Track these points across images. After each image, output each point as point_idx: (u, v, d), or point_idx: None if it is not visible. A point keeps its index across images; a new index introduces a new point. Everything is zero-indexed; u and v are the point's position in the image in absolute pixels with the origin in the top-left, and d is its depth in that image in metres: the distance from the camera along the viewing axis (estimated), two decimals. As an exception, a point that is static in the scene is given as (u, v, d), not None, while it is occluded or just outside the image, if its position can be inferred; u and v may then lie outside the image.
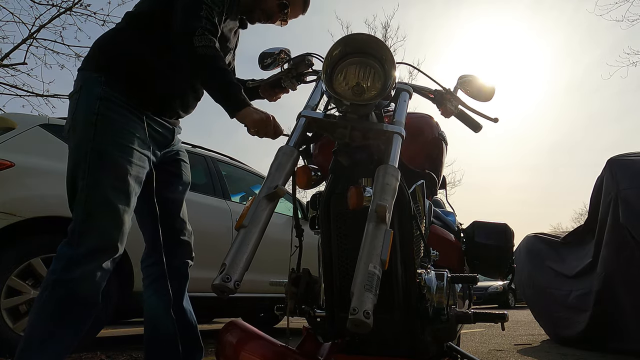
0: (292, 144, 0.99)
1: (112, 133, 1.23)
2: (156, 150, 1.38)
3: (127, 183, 1.23)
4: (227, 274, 0.76)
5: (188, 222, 1.52)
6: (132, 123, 1.27)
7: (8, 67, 7.96)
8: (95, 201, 1.18)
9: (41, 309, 1.12)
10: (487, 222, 1.70)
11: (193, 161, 3.48)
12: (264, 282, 3.35)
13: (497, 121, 1.33)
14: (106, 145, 1.21)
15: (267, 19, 1.55)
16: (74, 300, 1.14)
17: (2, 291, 2.19)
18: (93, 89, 1.25)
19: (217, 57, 1.23)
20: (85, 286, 1.15)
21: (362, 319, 0.70)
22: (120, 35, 1.34)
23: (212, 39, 1.24)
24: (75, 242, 1.15)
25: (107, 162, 1.21)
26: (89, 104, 1.24)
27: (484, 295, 12.64)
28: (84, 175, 1.19)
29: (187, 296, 1.50)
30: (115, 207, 1.19)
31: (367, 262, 0.76)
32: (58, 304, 1.12)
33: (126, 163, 1.23)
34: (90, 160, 1.20)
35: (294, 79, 1.47)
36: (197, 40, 1.21)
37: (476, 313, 1.15)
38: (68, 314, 1.13)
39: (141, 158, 1.29)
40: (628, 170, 2.99)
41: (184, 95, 1.42)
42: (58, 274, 1.13)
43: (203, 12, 1.25)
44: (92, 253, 1.16)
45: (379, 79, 0.95)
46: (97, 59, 1.31)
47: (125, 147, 1.24)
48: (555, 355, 3.11)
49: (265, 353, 0.95)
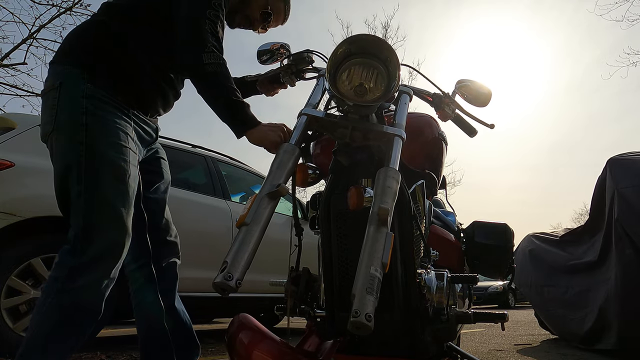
0: (293, 142, 0.99)
1: (105, 133, 1.16)
2: (143, 149, 1.35)
3: (127, 184, 1.18)
4: (228, 272, 0.76)
5: (172, 222, 1.48)
6: (122, 121, 1.21)
7: (8, 67, 7.97)
8: (96, 206, 1.13)
9: (44, 316, 1.09)
10: (487, 222, 1.70)
11: (193, 161, 3.51)
12: (264, 282, 3.35)
13: (493, 127, 1.35)
14: (100, 145, 1.15)
15: (248, 25, 1.50)
16: (78, 309, 1.11)
17: (2, 291, 2.19)
18: (76, 86, 1.16)
19: (226, 75, 1.20)
20: (90, 295, 1.12)
21: (363, 321, 0.70)
22: (100, 29, 1.24)
23: (221, 56, 1.20)
24: (78, 250, 1.11)
25: (104, 164, 1.14)
26: (74, 102, 1.15)
27: (484, 295, 12.65)
28: (79, 179, 1.13)
29: (178, 296, 1.47)
30: (118, 211, 1.14)
31: (368, 264, 0.76)
32: (61, 312, 1.09)
33: (123, 163, 1.17)
34: (85, 163, 1.13)
35: (293, 75, 1.47)
36: (206, 57, 1.17)
37: (476, 313, 1.15)
38: (71, 323, 1.10)
39: (135, 157, 1.24)
40: (628, 170, 3.00)
41: (166, 93, 1.37)
42: (61, 282, 1.09)
43: (207, 27, 1.21)
44: (97, 261, 1.11)
45: (382, 81, 0.95)
46: (76, 53, 1.21)
47: (120, 147, 1.18)
48: (555, 355, 3.11)
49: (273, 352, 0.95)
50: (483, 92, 1.31)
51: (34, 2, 8.03)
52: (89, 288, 1.11)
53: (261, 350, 0.94)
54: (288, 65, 1.45)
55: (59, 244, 1.16)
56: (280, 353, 0.94)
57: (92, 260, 1.11)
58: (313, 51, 1.43)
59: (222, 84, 1.19)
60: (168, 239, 1.45)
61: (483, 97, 1.31)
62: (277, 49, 1.47)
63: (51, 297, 1.09)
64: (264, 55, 1.50)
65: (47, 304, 1.09)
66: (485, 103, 1.31)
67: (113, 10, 1.29)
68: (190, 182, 3.43)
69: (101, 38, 1.24)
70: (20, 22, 9.16)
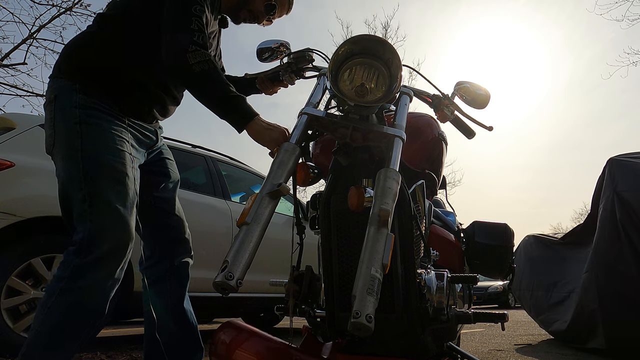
0: (294, 141, 0.99)
1: (101, 138, 1.18)
2: (144, 152, 1.36)
3: (127, 186, 1.19)
4: (229, 271, 0.76)
5: (185, 220, 1.49)
6: (117, 127, 1.23)
7: (8, 67, 7.97)
8: (100, 209, 1.14)
9: (47, 315, 1.09)
10: (487, 222, 1.70)
11: (193, 161, 3.50)
12: (264, 282, 3.35)
13: (492, 129, 1.35)
14: (97, 151, 1.17)
15: (253, 20, 1.49)
16: (80, 309, 1.11)
17: (2, 291, 2.19)
18: (69, 98, 1.19)
19: (215, 72, 1.17)
20: (93, 295, 1.12)
21: (364, 322, 0.70)
22: (93, 40, 1.27)
23: (206, 53, 1.18)
24: (83, 251, 1.11)
25: (103, 168, 1.16)
26: (68, 113, 1.18)
27: (484, 295, 12.65)
28: (81, 186, 1.14)
29: (188, 297, 1.49)
30: (120, 213, 1.16)
31: (368, 266, 0.76)
32: (64, 312, 1.09)
33: (122, 166, 1.19)
34: (85, 169, 1.15)
35: (292, 74, 1.46)
36: (191, 57, 1.15)
37: (476, 313, 1.15)
38: (73, 323, 1.11)
39: (134, 160, 1.25)
40: (628, 172, 3.00)
41: (161, 100, 1.37)
42: (65, 282, 1.10)
43: (194, 25, 1.19)
44: (100, 261, 1.12)
45: (383, 82, 0.95)
46: (69, 65, 1.24)
47: (117, 151, 1.20)
48: (555, 355, 3.11)
49: (260, 350, 0.94)
50: (481, 94, 1.32)
51: (34, 2, 8.04)
52: (92, 288, 1.12)
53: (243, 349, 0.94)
54: (288, 64, 1.45)
55: (59, 244, 1.16)
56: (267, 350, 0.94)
57: (96, 260, 1.11)
58: (313, 50, 1.43)
59: (213, 81, 1.16)
60: (180, 237, 1.46)
61: (481, 99, 1.32)
62: (277, 47, 1.46)
63: (54, 296, 1.10)
64: (264, 54, 1.49)
65: (50, 303, 1.09)
66: (483, 105, 1.32)
67: (105, 20, 1.29)
68: (190, 182, 3.43)
69: (92, 49, 1.26)
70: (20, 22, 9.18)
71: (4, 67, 7.96)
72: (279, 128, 1.17)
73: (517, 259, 4.40)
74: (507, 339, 4.13)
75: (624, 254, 2.77)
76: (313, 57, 1.43)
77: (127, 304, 2.62)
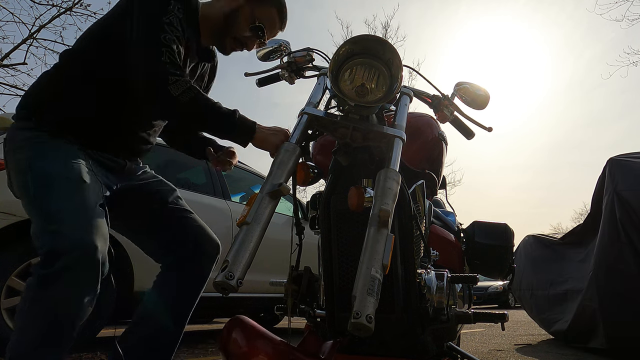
0: (294, 141, 0.99)
1: (50, 154, 1.13)
2: (108, 174, 1.27)
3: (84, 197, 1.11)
4: (229, 271, 0.76)
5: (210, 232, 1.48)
6: (69, 151, 1.16)
7: (8, 67, 7.99)
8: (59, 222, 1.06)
9: (23, 323, 1.05)
10: (487, 222, 1.70)
11: (193, 161, 3.50)
12: (264, 282, 3.35)
13: (491, 130, 1.36)
14: (47, 166, 1.11)
15: (241, 46, 1.39)
16: (53, 320, 1.04)
17: (2, 291, 2.19)
18: (22, 135, 1.16)
19: (200, 96, 1.12)
20: (64, 306, 1.05)
21: (364, 323, 0.70)
22: (52, 78, 1.23)
23: (185, 80, 1.11)
24: (46, 263, 1.04)
25: (54, 181, 1.10)
26: (17, 146, 1.15)
27: (484, 295, 12.66)
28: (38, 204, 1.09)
29: None
30: (79, 222, 1.07)
31: (369, 266, 0.76)
32: (38, 321, 1.04)
33: (74, 174, 1.12)
34: (35, 187, 1.10)
35: (292, 73, 1.46)
36: (173, 89, 1.08)
37: (476, 313, 1.15)
38: (49, 333, 1.04)
39: (89, 172, 1.17)
40: (628, 172, 3.00)
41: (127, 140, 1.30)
42: (33, 291, 1.05)
43: (164, 57, 1.11)
44: (64, 273, 1.03)
45: (384, 82, 0.95)
46: (28, 106, 1.21)
47: (69, 162, 1.13)
48: (555, 355, 3.11)
49: (269, 351, 0.94)
50: (481, 95, 1.32)
51: (34, 2, 8.05)
52: (62, 300, 1.05)
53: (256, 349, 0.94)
54: (288, 63, 1.45)
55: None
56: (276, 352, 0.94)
57: (60, 271, 1.03)
58: (313, 49, 1.42)
59: (203, 106, 1.12)
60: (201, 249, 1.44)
61: (481, 100, 1.32)
62: (278, 46, 1.46)
63: (27, 304, 1.05)
64: (264, 53, 1.49)
65: (25, 311, 1.05)
66: (483, 106, 1.32)
67: (68, 56, 1.25)
68: (190, 182, 3.43)
69: (51, 88, 1.22)
70: (20, 22, 9.19)
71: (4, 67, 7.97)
72: (281, 130, 1.16)
73: (517, 259, 4.40)
74: (507, 339, 4.13)
75: (624, 253, 2.77)
76: (313, 57, 1.43)
77: (127, 304, 2.63)
